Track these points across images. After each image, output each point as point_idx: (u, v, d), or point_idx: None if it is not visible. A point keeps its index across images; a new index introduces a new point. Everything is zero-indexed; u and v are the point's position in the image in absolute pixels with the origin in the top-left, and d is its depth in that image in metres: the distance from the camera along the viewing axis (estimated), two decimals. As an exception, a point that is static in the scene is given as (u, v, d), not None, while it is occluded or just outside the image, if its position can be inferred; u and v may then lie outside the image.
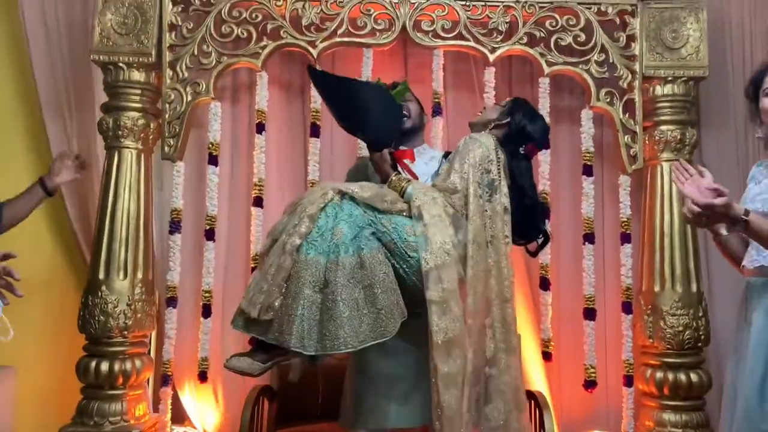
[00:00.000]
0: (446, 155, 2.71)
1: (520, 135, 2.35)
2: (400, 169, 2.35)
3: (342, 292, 1.98)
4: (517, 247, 2.43)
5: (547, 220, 2.48)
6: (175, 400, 3.24)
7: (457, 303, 2.11)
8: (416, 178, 2.37)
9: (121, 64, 3.04)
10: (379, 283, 2.02)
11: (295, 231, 2.04)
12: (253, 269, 3.12)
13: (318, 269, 2.01)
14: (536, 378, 3.26)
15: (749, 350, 1.89)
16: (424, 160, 2.64)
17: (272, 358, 2.08)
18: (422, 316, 2.13)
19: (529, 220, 2.35)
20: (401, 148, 2.44)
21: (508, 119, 2.37)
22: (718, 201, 1.76)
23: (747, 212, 1.77)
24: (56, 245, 3.38)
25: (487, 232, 2.21)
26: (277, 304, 2.00)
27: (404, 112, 2.57)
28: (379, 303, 2.00)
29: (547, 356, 3.14)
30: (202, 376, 3.13)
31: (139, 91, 3.08)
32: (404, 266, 2.13)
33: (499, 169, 2.26)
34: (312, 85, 3.16)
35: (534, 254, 2.50)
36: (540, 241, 2.45)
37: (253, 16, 3.11)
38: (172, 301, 3.13)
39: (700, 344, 2.98)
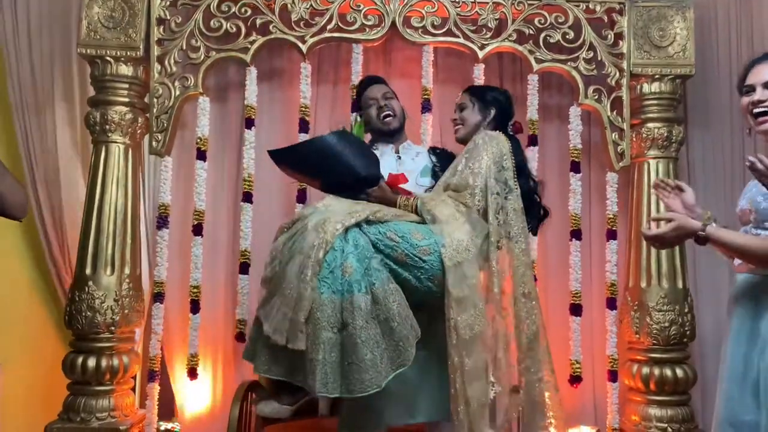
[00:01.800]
0: (432, 150, 2.72)
1: (504, 116, 2.47)
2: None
3: (361, 335, 1.99)
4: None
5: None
6: (163, 395, 3.23)
7: (480, 298, 2.16)
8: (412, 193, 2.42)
9: (108, 58, 3.01)
10: (395, 316, 2.03)
11: (314, 256, 2.05)
12: (241, 264, 3.12)
13: (333, 309, 2.03)
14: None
15: (729, 343, 1.93)
16: (410, 157, 2.67)
17: (298, 399, 2.14)
18: (423, 311, 2.17)
19: (531, 197, 2.40)
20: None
21: (493, 110, 2.44)
22: (665, 229, 1.83)
23: (704, 227, 1.83)
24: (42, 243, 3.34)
25: (504, 229, 2.25)
26: (301, 335, 2.01)
27: (388, 112, 2.65)
28: (396, 335, 2.02)
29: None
30: (192, 373, 3.12)
31: (126, 86, 3.06)
32: (418, 274, 2.15)
33: (513, 167, 2.31)
34: (302, 81, 3.18)
35: (535, 231, 2.54)
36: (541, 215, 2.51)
37: (242, 10, 3.09)
38: (159, 297, 3.11)
39: (685, 339, 3.02)
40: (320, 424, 2.82)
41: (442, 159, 2.65)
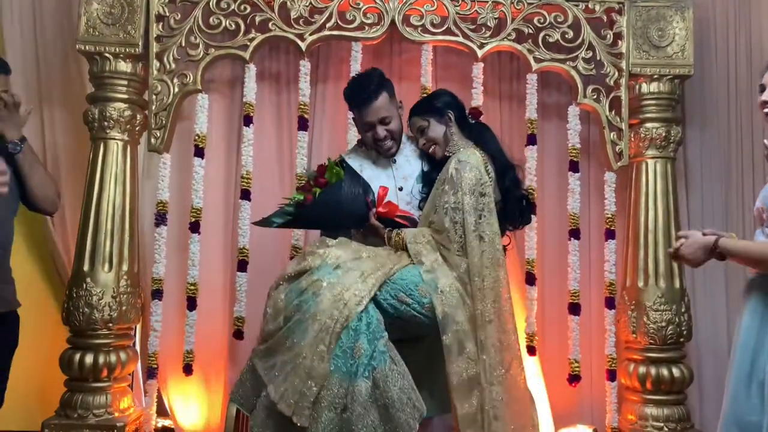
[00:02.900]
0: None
1: (460, 111, 2.44)
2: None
3: (358, 422, 2.01)
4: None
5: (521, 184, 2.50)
6: (160, 393, 3.23)
7: (471, 341, 2.16)
8: (407, 222, 2.40)
9: (107, 55, 3.00)
10: (394, 402, 2.03)
11: (331, 330, 2.06)
12: (240, 262, 3.12)
13: (339, 391, 2.05)
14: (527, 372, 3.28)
15: (738, 343, 1.93)
16: (405, 159, 2.59)
17: None
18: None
19: (512, 190, 2.37)
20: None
21: (450, 113, 2.42)
22: (677, 244, 1.95)
23: (716, 242, 1.89)
24: (38, 236, 3.33)
25: (488, 255, 2.22)
26: (307, 412, 2.03)
27: (389, 144, 2.50)
28: (395, 421, 2.03)
29: (531, 350, 3.16)
30: (187, 369, 3.12)
31: (125, 82, 3.05)
32: (421, 328, 2.21)
33: (492, 187, 2.28)
34: (301, 78, 3.19)
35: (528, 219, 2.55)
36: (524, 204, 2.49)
37: (242, 8, 3.08)
38: (157, 294, 3.11)
39: (682, 339, 3.03)
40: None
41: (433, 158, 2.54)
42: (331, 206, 2.34)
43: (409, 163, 2.58)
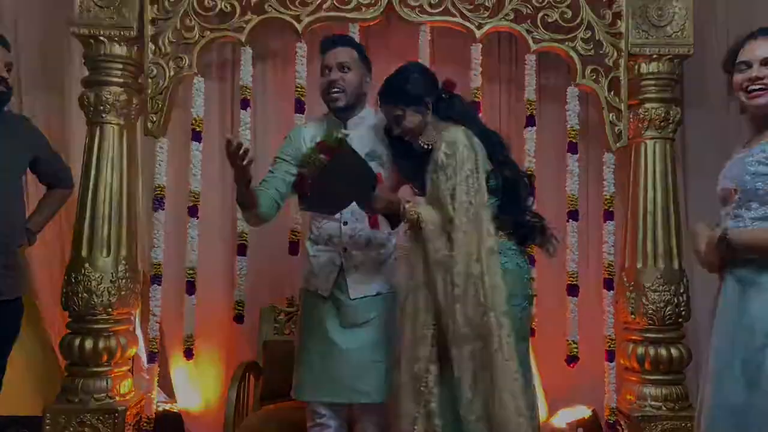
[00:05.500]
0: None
1: (435, 91, 2.26)
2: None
3: None
4: None
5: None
6: (162, 377, 3.24)
7: None
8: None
9: (101, 38, 2.97)
10: None
11: None
12: (239, 246, 3.12)
13: None
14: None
15: (717, 324, 1.94)
16: (360, 133, 2.38)
17: None
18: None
19: (509, 171, 2.24)
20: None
21: (427, 100, 2.23)
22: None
23: (724, 235, 1.87)
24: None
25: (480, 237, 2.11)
26: None
27: (336, 89, 2.31)
28: None
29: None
30: (188, 354, 3.13)
31: (120, 66, 3.02)
32: None
33: (479, 165, 2.15)
34: (298, 61, 3.15)
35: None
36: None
37: (237, -11, 3.05)
38: (156, 279, 3.11)
39: (680, 320, 3.03)
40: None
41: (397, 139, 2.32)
42: (351, 168, 2.12)
43: (361, 139, 2.35)
